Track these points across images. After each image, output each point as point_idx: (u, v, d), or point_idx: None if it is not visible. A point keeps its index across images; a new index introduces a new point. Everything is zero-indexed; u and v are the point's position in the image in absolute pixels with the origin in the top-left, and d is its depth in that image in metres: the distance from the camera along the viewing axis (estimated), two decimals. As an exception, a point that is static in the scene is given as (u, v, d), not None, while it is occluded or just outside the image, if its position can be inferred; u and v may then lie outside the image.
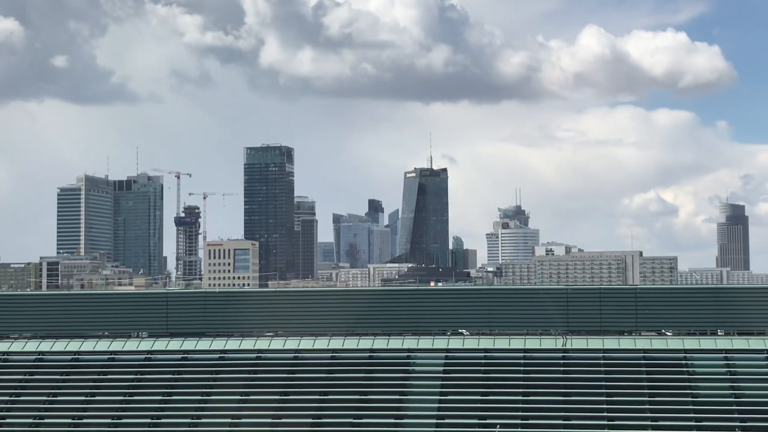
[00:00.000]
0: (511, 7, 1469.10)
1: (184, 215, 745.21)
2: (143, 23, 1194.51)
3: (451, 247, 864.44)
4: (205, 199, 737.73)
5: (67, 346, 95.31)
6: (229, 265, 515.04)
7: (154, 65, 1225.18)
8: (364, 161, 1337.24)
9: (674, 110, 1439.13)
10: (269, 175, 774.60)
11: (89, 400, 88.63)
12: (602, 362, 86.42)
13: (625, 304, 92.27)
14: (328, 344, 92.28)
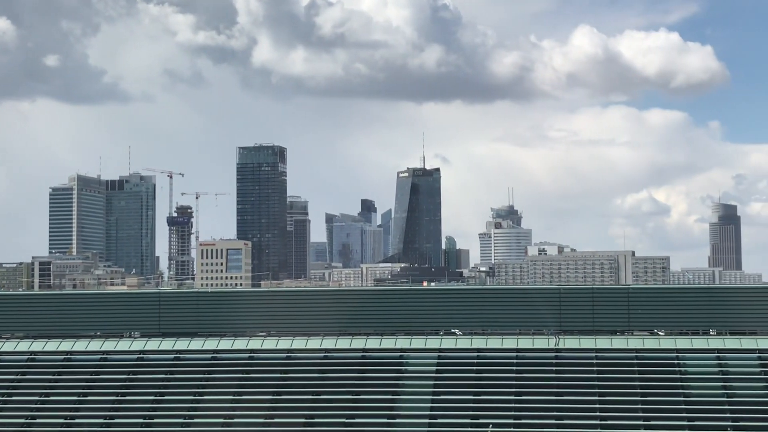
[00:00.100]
0: (503, 7, 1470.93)
1: (176, 215, 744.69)
2: (135, 23, 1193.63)
3: (443, 247, 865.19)
4: (197, 198, 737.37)
5: (59, 346, 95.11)
6: (221, 265, 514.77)
7: (146, 65, 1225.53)
8: (356, 161, 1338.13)
9: (667, 110, 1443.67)
10: (262, 174, 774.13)
11: (81, 400, 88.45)
12: (595, 362, 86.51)
13: (617, 304, 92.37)
14: (320, 344, 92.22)
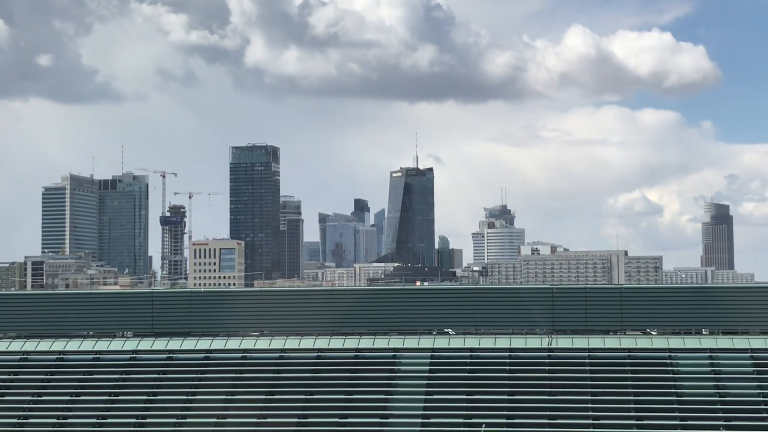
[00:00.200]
0: (496, 7, 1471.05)
1: (169, 215, 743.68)
2: (128, 22, 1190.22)
3: (436, 246, 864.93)
4: (190, 198, 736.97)
5: (51, 345, 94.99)
6: (214, 264, 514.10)
7: (139, 64, 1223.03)
8: (350, 161, 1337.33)
9: (659, 110, 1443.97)
10: (255, 174, 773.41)
11: (74, 399, 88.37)
12: (587, 361, 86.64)
13: (610, 303, 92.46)
14: (313, 344, 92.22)
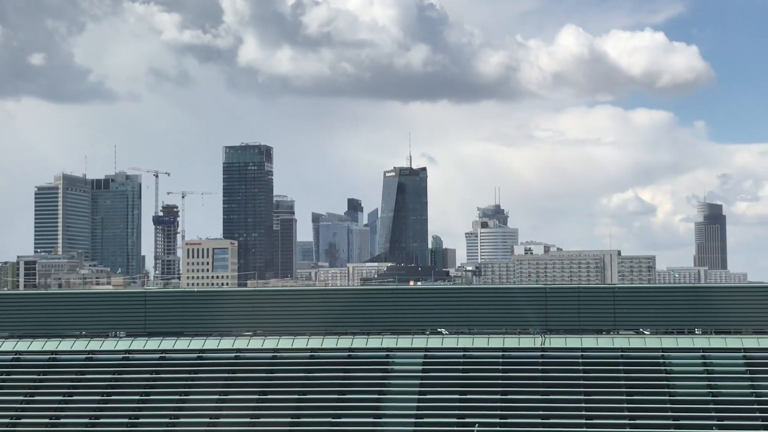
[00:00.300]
0: (490, 6, 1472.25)
1: (162, 214, 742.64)
2: (121, 21, 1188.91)
3: (430, 246, 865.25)
4: (183, 198, 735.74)
5: (44, 345, 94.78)
6: (207, 264, 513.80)
7: (132, 64, 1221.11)
8: (343, 160, 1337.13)
9: (652, 110, 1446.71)
10: (248, 174, 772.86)
11: (67, 399, 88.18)
12: (580, 361, 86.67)
13: (603, 303, 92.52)
14: (306, 343, 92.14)
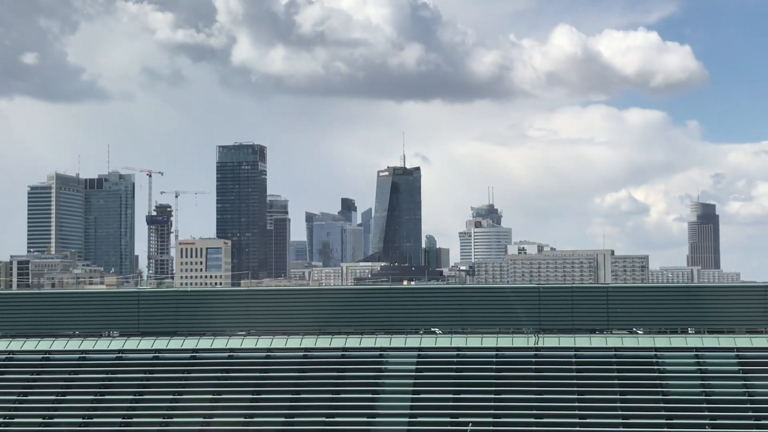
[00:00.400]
0: (483, 6, 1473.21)
1: (155, 214, 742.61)
2: (114, 20, 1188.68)
3: (423, 245, 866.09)
4: (177, 197, 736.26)
5: (37, 345, 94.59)
6: (201, 264, 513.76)
7: (125, 63, 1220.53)
8: (336, 160, 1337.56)
9: (645, 109, 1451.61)
10: (242, 173, 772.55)
11: (60, 399, 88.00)
12: (574, 360, 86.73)
13: (596, 302, 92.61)
14: (300, 343, 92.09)
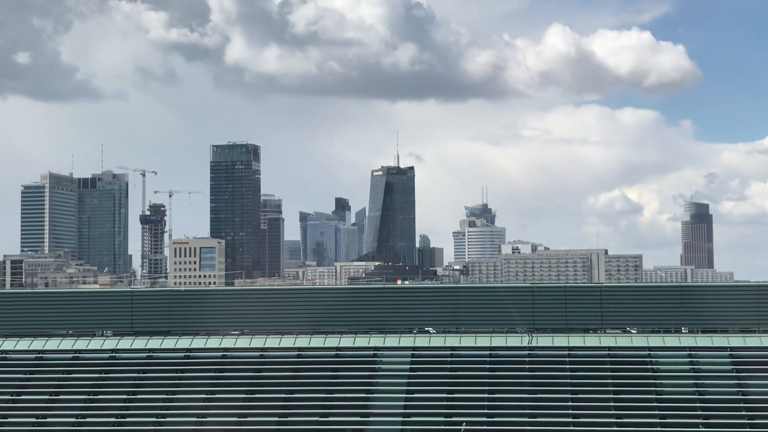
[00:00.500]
0: (477, 5, 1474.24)
1: (149, 213, 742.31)
2: (107, 20, 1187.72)
3: (417, 245, 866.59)
4: (170, 197, 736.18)
5: (30, 345, 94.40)
6: (195, 263, 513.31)
7: (118, 62, 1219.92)
8: (330, 159, 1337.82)
9: (639, 109, 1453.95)
10: (235, 173, 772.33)
11: (53, 399, 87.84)
12: (567, 360, 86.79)
13: (590, 302, 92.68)
14: (294, 342, 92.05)
